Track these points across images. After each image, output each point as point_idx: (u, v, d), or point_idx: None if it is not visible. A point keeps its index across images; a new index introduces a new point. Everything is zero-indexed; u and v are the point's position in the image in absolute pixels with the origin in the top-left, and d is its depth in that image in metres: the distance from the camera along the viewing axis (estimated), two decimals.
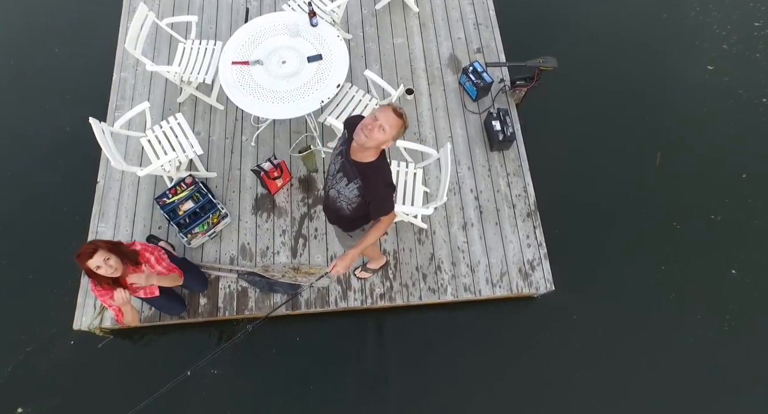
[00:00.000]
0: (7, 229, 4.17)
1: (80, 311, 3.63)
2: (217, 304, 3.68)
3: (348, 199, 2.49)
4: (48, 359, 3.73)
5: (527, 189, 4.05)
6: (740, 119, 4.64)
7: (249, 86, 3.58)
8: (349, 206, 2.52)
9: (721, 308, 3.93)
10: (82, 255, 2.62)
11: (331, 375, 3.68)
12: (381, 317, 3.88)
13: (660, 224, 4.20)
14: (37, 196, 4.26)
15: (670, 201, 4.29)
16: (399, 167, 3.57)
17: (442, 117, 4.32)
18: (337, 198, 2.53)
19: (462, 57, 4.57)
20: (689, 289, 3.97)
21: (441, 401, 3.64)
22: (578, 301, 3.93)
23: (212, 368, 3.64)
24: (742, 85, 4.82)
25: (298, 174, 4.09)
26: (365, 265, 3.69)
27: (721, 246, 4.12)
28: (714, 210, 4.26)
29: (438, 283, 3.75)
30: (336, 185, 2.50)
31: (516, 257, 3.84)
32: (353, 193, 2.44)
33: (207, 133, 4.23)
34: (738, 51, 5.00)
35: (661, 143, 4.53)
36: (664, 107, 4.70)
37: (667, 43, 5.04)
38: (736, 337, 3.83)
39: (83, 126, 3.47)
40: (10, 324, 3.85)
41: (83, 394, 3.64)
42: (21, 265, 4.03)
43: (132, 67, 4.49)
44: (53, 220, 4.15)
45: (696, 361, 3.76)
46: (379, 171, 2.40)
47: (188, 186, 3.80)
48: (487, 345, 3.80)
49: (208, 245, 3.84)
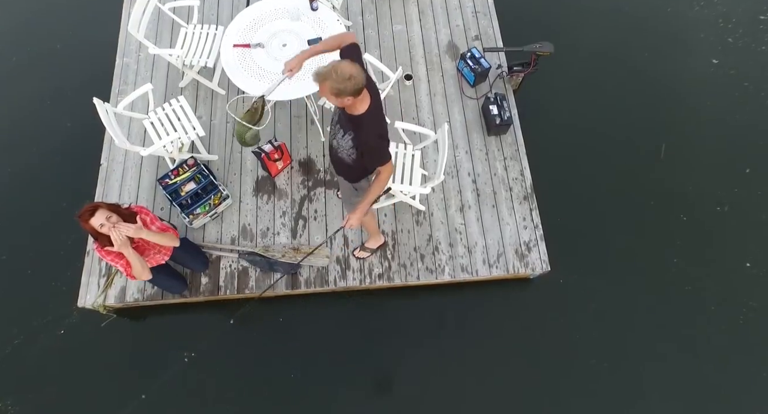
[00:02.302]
0: (10, 213, 4.23)
1: (84, 289, 3.69)
2: (218, 284, 3.74)
3: (346, 150, 2.62)
4: (50, 339, 3.80)
5: (524, 172, 4.12)
6: (746, 111, 4.66)
7: (250, 68, 3.64)
8: (349, 157, 2.65)
9: (696, 278, 4.02)
10: (84, 213, 2.68)
11: (321, 359, 3.74)
12: (377, 299, 3.94)
13: (657, 208, 4.27)
14: (40, 179, 4.32)
15: (668, 187, 4.35)
16: (398, 149, 3.63)
17: (440, 102, 4.39)
18: (338, 148, 2.67)
19: (460, 44, 4.63)
20: (692, 273, 4.05)
21: (437, 384, 3.69)
22: (574, 283, 4.00)
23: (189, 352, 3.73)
24: (747, 77, 4.84)
25: (298, 157, 4.15)
26: (363, 245, 3.76)
27: (724, 235, 4.19)
28: (721, 201, 4.30)
29: (435, 263, 3.82)
30: (336, 136, 2.64)
31: (512, 239, 3.90)
32: (348, 144, 2.58)
33: (208, 118, 4.29)
34: (744, 44, 5.02)
35: (664, 135, 4.57)
36: (666, 98, 4.74)
37: (670, 36, 5.07)
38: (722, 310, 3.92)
39: (86, 111, 3.55)
40: (14, 303, 3.92)
41: (85, 375, 3.71)
42: (24, 248, 4.09)
43: (134, 53, 4.55)
44: (56, 203, 4.20)
45: (692, 340, 3.84)
46: (370, 122, 2.50)
47: (190, 167, 3.86)
48: (485, 327, 3.86)
49: (209, 226, 3.90)
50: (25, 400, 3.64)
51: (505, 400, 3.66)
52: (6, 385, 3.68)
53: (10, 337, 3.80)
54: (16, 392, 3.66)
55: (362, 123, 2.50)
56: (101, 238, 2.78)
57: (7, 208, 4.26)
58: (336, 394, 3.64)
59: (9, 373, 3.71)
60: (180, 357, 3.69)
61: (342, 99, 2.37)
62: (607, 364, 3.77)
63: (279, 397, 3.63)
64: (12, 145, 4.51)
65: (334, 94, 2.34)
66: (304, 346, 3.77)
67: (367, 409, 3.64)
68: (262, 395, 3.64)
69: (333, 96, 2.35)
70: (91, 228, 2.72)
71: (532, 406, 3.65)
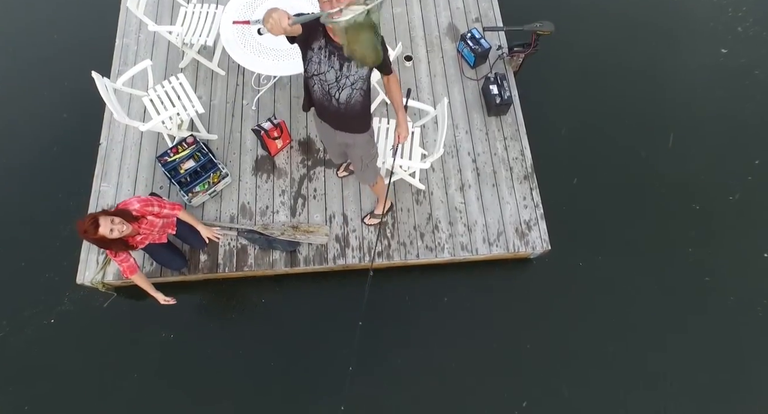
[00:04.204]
0: (12, 191, 4.22)
1: (83, 266, 3.68)
2: (217, 261, 3.73)
3: (362, 81, 2.49)
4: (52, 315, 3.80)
5: (524, 152, 4.10)
6: (756, 100, 4.63)
7: (250, 45, 3.63)
8: (364, 85, 2.52)
9: (684, 244, 4.04)
10: (89, 229, 2.60)
11: (314, 340, 3.73)
12: (374, 281, 3.92)
13: (658, 191, 4.26)
14: (39, 159, 4.31)
15: (672, 171, 4.34)
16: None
17: (440, 83, 4.38)
18: (353, 92, 2.52)
19: (460, 26, 4.62)
20: (695, 253, 4.06)
21: (434, 365, 3.67)
22: (575, 263, 3.99)
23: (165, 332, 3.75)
24: (758, 66, 4.79)
25: (298, 137, 4.14)
26: (373, 212, 3.72)
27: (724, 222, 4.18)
28: (732, 190, 4.28)
29: (435, 241, 3.80)
30: (347, 80, 2.47)
31: (513, 218, 3.89)
32: (364, 70, 2.44)
33: (208, 98, 4.28)
34: (754, 33, 4.97)
35: (669, 122, 4.54)
36: (672, 86, 4.70)
37: (677, 24, 5.02)
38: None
39: (85, 91, 3.55)
40: (13, 281, 3.92)
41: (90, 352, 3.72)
42: (23, 227, 4.09)
43: (134, 34, 4.54)
44: (56, 182, 4.20)
45: (694, 321, 3.83)
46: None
47: (189, 145, 3.85)
48: (485, 307, 3.85)
49: (208, 204, 3.89)
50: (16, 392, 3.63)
51: (504, 379, 3.65)
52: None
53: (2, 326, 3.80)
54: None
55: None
56: (114, 244, 2.76)
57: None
58: (327, 373, 3.63)
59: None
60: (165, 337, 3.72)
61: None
62: (612, 347, 3.75)
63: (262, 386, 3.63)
64: (7, 129, 4.49)
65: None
66: (301, 327, 3.77)
67: (365, 389, 3.61)
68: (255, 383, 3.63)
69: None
70: (102, 238, 2.65)
71: (532, 386, 3.63)
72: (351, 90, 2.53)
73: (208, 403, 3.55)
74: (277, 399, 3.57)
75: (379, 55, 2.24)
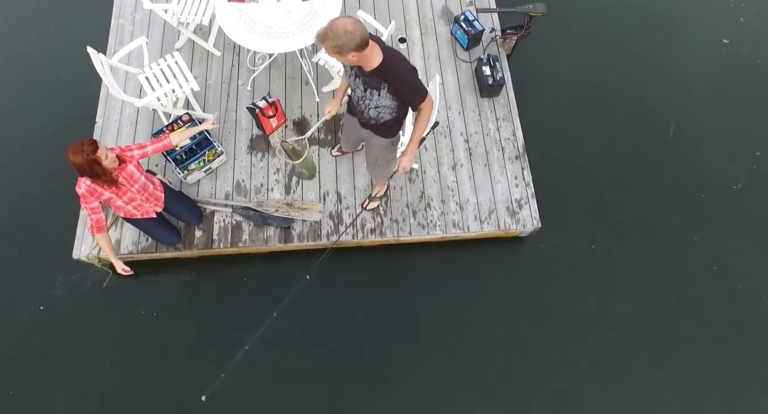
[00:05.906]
0: (6, 174, 4.26)
1: (79, 241, 3.72)
2: (212, 237, 3.78)
3: (389, 107, 2.63)
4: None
5: (516, 133, 4.16)
6: (759, 90, 4.67)
7: (245, 23, 3.66)
8: (392, 112, 2.67)
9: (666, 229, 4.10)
10: (87, 148, 2.67)
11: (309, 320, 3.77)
12: (368, 257, 3.98)
13: (658, 171, 4.33)
14: (35, 138, 4.33)
15: (668, 155, 4.41)
16: None
17: (434, 65, 4.42)
18: (380, 113, 2.68)
19: (454, 9, 4.67)
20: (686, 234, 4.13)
21: (426, 345, 3.72)
22: (564, 241, 4.05)
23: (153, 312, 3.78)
24: (760, 56, 4.82)
25: (293, 117, 4.19)
26: (372, 196, 3.79)
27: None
28: (734, 179, 4.32)
29: (427, 219, 3.86)
30: (371, 103, 2.63)
31: (504, 196, 3.95)
32: (389, 98, 2.55)
33: (204, 78, 4.31)
34: (756, 23, 5.00)
35: (669, 110, 4.57)
36: (669, 73, 4.73)
37: (674, 9, 5.05)
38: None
39: (80, 72, 3.58)
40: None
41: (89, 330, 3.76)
42: (17, 210, 4.13)
43: (130, 14, 4.57)
44: (52, 161, 4.21)
45: (689, 306, 3.91)
46: (395, 64, 2.48)
47: (185, 123, 3.88)
48: (476, 286, 3.91)
49: (203, 182, 3.94)
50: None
51: (496, 358, 3.71)
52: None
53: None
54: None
55: (387, 69, 2.45)
56: (103, 173, 2.79)
57: None
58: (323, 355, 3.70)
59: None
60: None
61: (346, 56, 2.30)
62: (603, 322, 3.81)
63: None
64: (4, 101, 4.53)
65: (336, 52, 2.28)
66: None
67: (361, 372, 3.68)
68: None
69: (336, 54, 2.29)
70: (95, 160, 2.70)
71: (522, 365, 3.69)
72: (377, 112, 2.69)
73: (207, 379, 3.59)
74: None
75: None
